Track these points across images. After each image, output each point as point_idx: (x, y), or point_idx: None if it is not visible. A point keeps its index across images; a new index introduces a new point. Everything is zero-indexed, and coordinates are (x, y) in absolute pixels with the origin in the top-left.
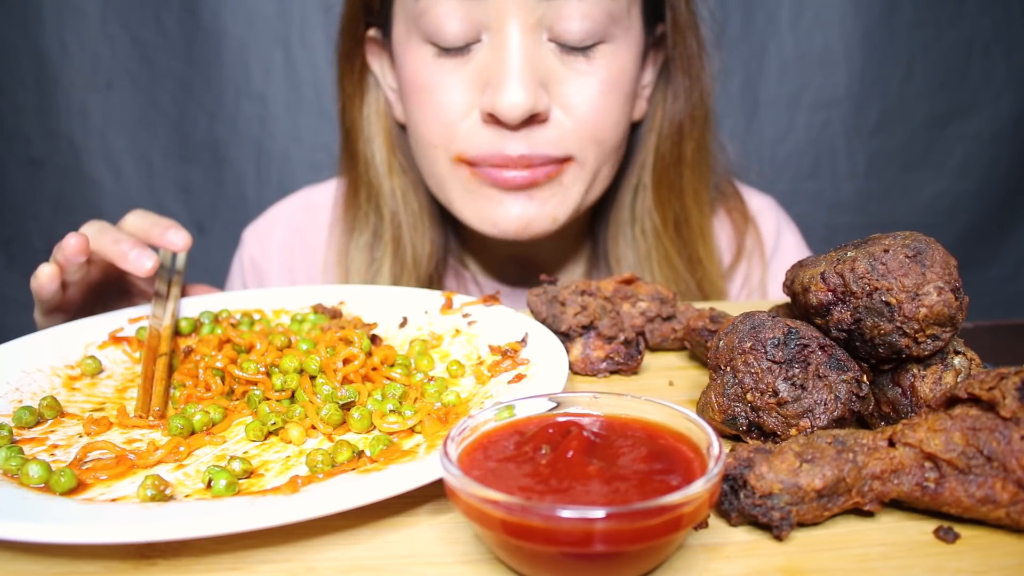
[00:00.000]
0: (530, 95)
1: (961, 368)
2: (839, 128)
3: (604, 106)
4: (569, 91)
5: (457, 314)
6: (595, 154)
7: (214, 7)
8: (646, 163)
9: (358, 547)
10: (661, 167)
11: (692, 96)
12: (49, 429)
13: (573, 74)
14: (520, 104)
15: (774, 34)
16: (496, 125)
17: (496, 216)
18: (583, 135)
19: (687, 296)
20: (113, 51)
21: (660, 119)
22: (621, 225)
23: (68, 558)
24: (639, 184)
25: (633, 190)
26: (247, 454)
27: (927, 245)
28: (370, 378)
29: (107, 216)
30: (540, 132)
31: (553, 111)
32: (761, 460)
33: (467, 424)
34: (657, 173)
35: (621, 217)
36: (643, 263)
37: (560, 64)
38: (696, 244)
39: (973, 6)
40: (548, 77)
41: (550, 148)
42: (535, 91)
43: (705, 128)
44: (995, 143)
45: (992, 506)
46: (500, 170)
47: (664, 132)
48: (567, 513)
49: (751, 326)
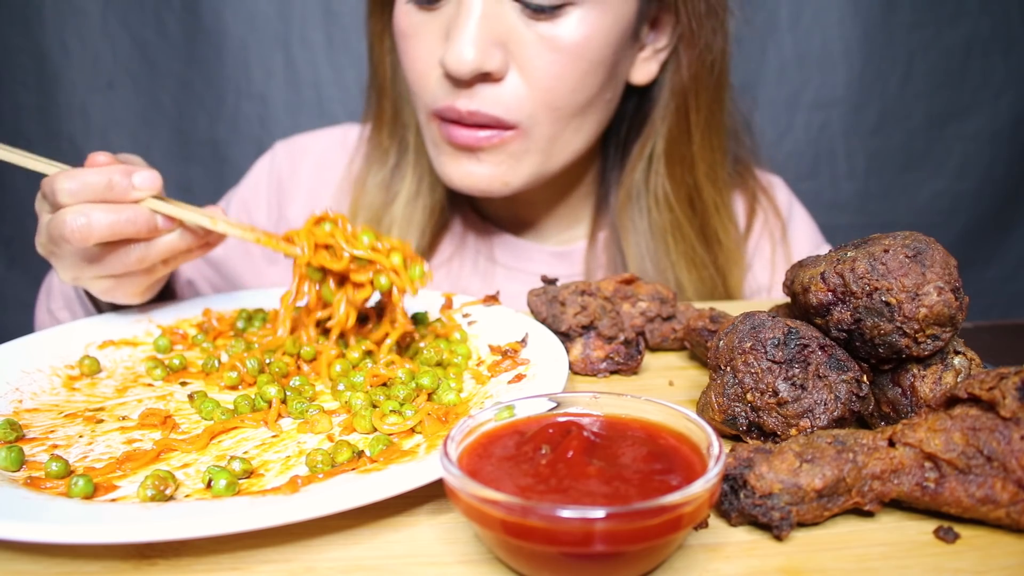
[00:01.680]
0: (478, 53)
1: (961, 368)
2: (838, 128)
3: (562, 73)
4: (527, 53)
5: (457, 314)
6: (548, 121)
7: (214, 7)
8: (659, 130)
9: (358, 547)
10: (670, 138)
11: (699, 62)
12: (49, 429)
13: (534, 36)
14: (466, 62)
15: (773, 34)
16: (452, 80)
17: (450, 172)
18: (536, 101)
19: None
20: (114, 51)
21: (667, 87)
22: (632, 194)
23: (68, 558)
24: (653, 154)
25: (647, 159)
26: (247, 454)
27: (927, 245)
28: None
29: None
30: (491, 91)
31: (511, 72)
32: (761, 460)
33: (467, 424)
34: (667, 144)
35: (633, 186)
36: (656, 235)
37: (523, 25)
38: (711, 219)
39: (972, 6)
40: (508, 37)
41: (499, 109)
42: (485, 49)
43: (716, 98)
44: (994, 143)
45: (992, 506)
46: (451, 127)
47: (669, 101)
48: (567, 513)
49: (751, 326)
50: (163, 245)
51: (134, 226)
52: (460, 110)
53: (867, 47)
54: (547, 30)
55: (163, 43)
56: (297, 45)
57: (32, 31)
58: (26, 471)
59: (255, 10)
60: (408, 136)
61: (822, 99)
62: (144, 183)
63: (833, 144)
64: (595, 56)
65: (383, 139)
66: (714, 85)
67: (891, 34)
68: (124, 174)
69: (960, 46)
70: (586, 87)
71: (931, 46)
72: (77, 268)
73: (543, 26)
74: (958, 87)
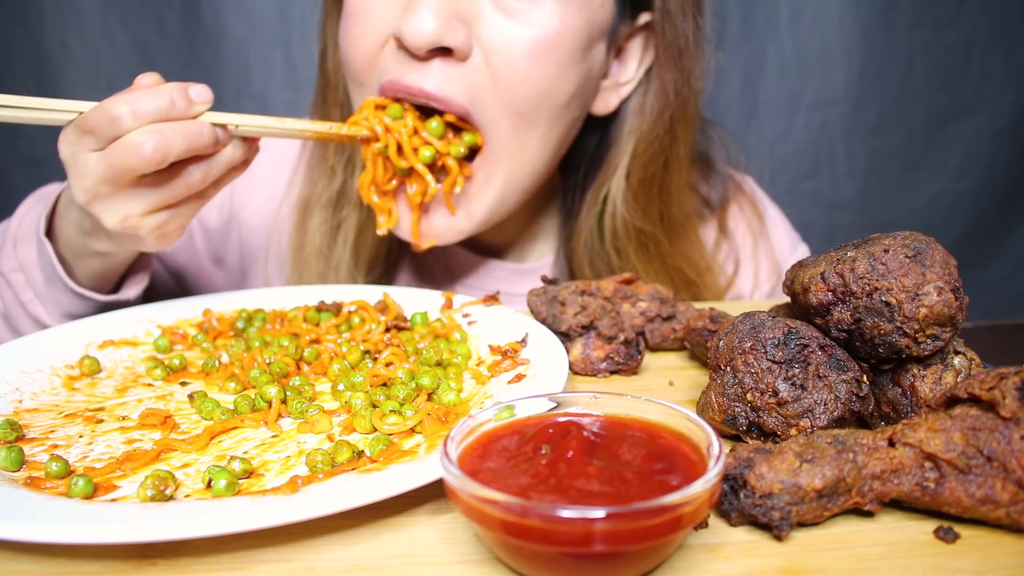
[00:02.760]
0: (440, 23)
1: (961, 368)
2: (838, 128)
3: (528, 69)
4: (495, 33)
5: (457, 314)
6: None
7: (214, 7)
8: (620, 167)
9: (358, 547)
10: (646, 172)
11: (686, 91)
12: (49, 429)
13: (505, 21)
14: (426, 31)
15: (773, 34)
16: (405, 52)
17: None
18: (499, 98)
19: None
20: (114, 51)
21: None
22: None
23: (68, 558)
24: (609, 194)
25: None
26: (247, 454)
27: (927, 245)
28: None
29: None
30: (453, 71)
31: (474, 54)
32: (761, 460)
33: (467, 424)
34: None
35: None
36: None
37: (493, 7)
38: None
39: (973, 6)
40: (474, 13)
41: (456, 91)
42: (448, 21)
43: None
44: (995, 143)
45: (992, 506)
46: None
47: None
48: (567, 513)
49: (751, 326)
50: (225, 159)
51: (204, 139)
52: (409, 85)
53: (867, 47)
54: (520, 18)
55: (163, 43)
56: (297, 45)
57: (32, 31)
58: (26, 471)
59: (255, 10)
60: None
61: (822, 99)
62: (201, 96)
63: (833, 144)
64: (565, 59)
65: (328, 155)
66: (694, 115)
67: (891, 34)
68: (181, 91)
69: (960, 46)
70: (554, 93)
71: (931, 46)
72: (133, 202)
73: (517, 3)
74: (958, 87)
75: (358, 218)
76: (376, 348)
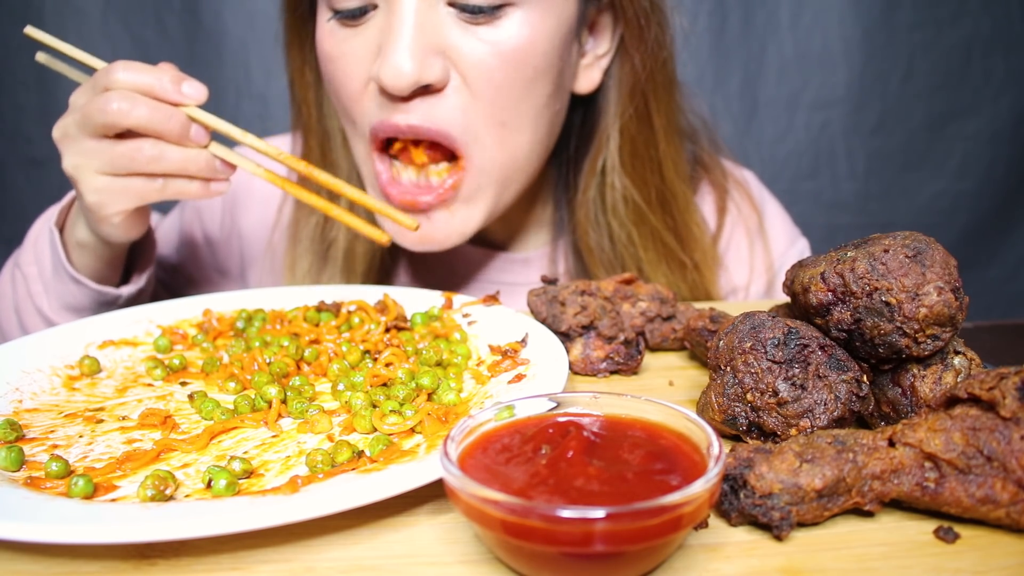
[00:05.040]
0: (416, 63)
1: (961, 368)
2: (838, 128)
3: (505, 81)
4: (469, 61)
5: (457, 314)
6: (496, 142)
7: (214, 7)
8: (610, 141)
9: (358, 547)
10: (632, 144)
11: (653, 62)
12: (49, 429)
13: (475, 40)
14: (404, 74)
15: (773, 34)
16: (388, 95)
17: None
18: (482, 114)
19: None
20: (114, 51)
21: (621, 92)
22: (590, 214)
23: (68, 558)
24: (606, 166)
25: (599, 173)
26: (247, 454)
27: (927, 245)
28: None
29: None
30: (432, 104)
31: (452, 83)
32: (761, 460)
33: (467, 424)
34: (630, 150)
35: (589, 204)
36: (624, 250)
37: (461, 31)
38: (686, 218)
39: (973, 6)
40: (446, 45)
41: (441, 123)
42: (423, 59)
43: (671, 96)
44: (994, 143)
45: (992, 506)
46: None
47: (627, 105)
48: (567, 513)
49: (751, 326)
50: (178, 154)
51: (167, 123)
52: (398, 124)
53: (867, 47)
54: (488, 35)
55: (163, 43)
56: None
57: None
58: (26, 471)
59: (255, 10)
60: (339, 175)
61: (822, 99)
62: (191, 91)
63: (833, 144)
64: (540, 62)
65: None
66: (667, 82)
67: (891, 34)
68: (175, 79)
69: (960, 46)
70: (533, 96)
71: (931, 46)
72: (87, 151)
73: (483, 30)
74: (958, 87)
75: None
76: (376, 348)
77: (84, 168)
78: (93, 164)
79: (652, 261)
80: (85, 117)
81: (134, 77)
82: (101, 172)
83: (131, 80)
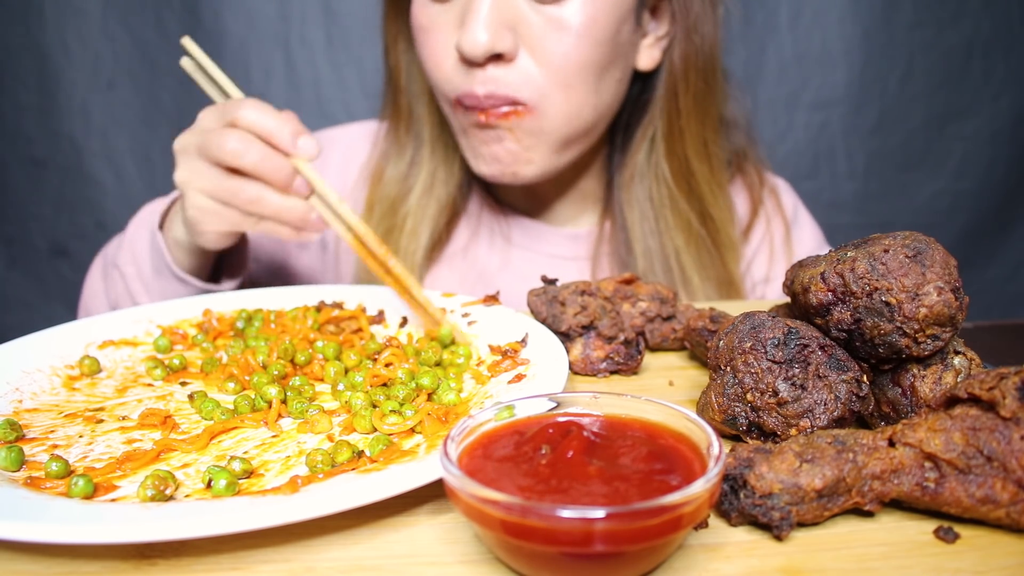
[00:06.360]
0: (490, 35)
1: (961, 368)
2: (838, 128)
3: (568, 52)
4: (536, 35)
5: (457, 314)
6: (562, 98)
7: (214, 7)
8: (657, 115)
9: (358, 547)
10: (667, 118)
11: (688, 42)
12: (49, 429)
13: (542, 19)
14: (479, 43)
15: (773, 34)
16: (467, 64)
17: (479, 154)
18: (548, 79)
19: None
20: (114, 51)
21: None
22: (636, 175)
23: (68, 558)
24: (655, 136)
25: (649, 140)
26: (247, 454)
27: (927, 245)
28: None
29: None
30: (505, 71)
31: (521, 54)
32: (761, 460)
33: (467, 424)
34: (666, 123)
35: (636, 166)
36: (657, 212)
37: (531, 10)
38: (706, 197)
39: (973, 6)
40: (517, 21)
41: (512, 89)
42: (497, 31)
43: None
44: (994, 143)
45: (992, 506)
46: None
47: (665, 82)
48: (567, 513)
49: (751, 326)
50: (277, 200)
51: (275, 173)
52: (478, 94)
53: (867, 47)
54: (554, 12)
55: (163, 43)
56: (297, 45)
57: (32, 31)
58: (26, 471)
59: (255, 10)
60: (423, 131)
61: (822, 99)
62: (305, 146)
63: (833, 144)
64: (599, 35)
65: (400, 135)
66: (703, 66)
67: (891, 34)
68: (294, 132)
69: (960, 46)
70: (593, 63)
71: (931, 46)
72: (198, 171)
73: (550, 9)
74: (958, 87)
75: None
76: (371, 357)
77: (191, 185)
78: (200, 184)
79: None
80: (204, 145)
81: (259, 119)
82: (205, 193)
83: (255, 122)
